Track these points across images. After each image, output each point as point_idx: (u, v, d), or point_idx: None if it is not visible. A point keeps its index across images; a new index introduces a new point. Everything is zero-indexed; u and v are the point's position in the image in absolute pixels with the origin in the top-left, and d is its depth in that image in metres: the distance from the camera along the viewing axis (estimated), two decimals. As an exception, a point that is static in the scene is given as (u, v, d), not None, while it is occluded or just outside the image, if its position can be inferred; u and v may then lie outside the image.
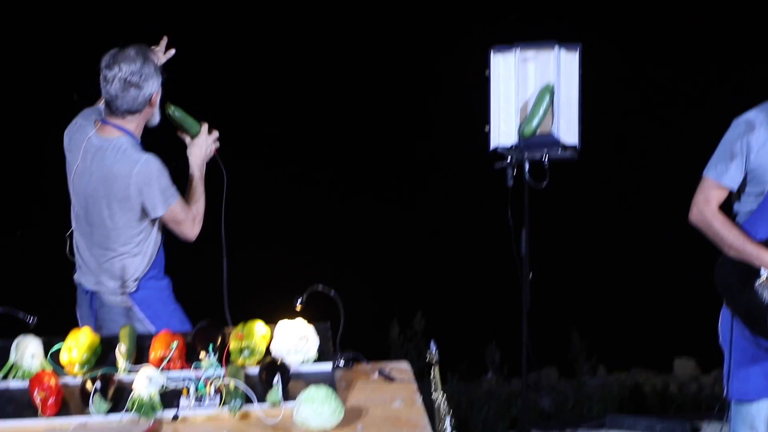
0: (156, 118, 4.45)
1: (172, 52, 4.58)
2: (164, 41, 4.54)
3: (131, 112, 4.29)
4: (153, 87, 4.33)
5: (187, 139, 4.46)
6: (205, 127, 4.47)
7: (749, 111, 4.26)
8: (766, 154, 4.17)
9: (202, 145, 4.46)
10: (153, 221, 4.35)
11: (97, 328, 4.42)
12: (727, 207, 4.31)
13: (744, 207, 4.30)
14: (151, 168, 4.28)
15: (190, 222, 4.40)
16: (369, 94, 13.85)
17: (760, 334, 4.22)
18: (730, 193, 4.30)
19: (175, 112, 4.43)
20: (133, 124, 4.35)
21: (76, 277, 4.56)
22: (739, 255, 4.19)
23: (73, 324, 3.86)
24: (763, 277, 4.19)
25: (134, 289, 4.43)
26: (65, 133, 4.48)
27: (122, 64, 4.24)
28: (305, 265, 4.33)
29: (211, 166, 4.51)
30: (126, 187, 4.22)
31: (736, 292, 4.25)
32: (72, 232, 4.56)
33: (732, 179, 4.23)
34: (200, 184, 4.47)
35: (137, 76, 4.27)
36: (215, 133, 4.49)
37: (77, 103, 4.53)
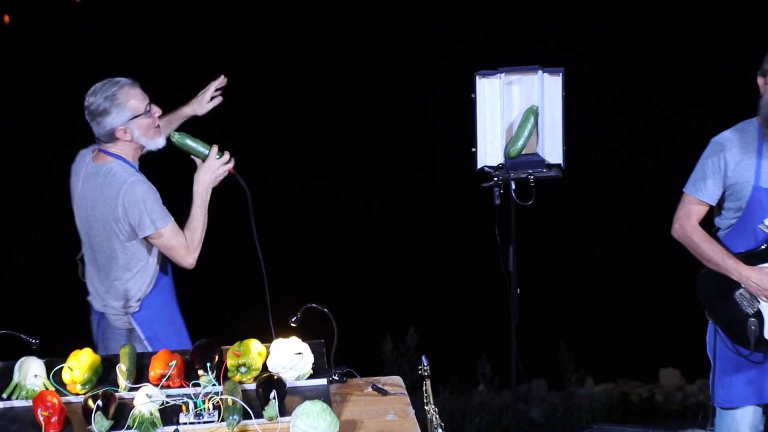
0: (154, 144, 4.35)
1: (218, 101, 4.57)
2: (214, 85, 4.56)
3: (106, 140, 4.25)
4: (114, 121, 4.23)
5: (198, 162, 4.31)
6: (214, 149, 4.27)
7: (726, 131, 4.29)
8: (741, 171, 4.20)
9: (207, 170, 4.27)
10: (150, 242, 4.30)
11: (102, 348, 4.40)
12: (709, 222, 4.34)
13: (724, 222, 4.32)
14: (136, 189, 4.23)
15: (182, 249, 4.28)
16: (362, 116, 13.92)
17: (740, 343, 4.23)
18: (711, 209, 4.32)
19: (178, 139, 4.28)
20: (123, 149, 4.30)
21: (89, 299, 4.53)
22: (717, 268, 4.21)
23: (75, 345, 3.83)
24: (742, 289, 4.19)
25: (137, 309, 4.40)
26: (72, 165, 4.46)
27: (89, 96, 4.22)
28: (300, 284, 4.32)
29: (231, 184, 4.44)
30: (114, 209, 4.18)
31: (717, 303, 4.27)
32: (82, 255, 4.52)
33: (710, 195, 4.26)
34: (199, 211, 4.32)
35: (97, 110, 4.22)
36: (226, 156, 4.27)
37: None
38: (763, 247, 4.19)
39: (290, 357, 3.81)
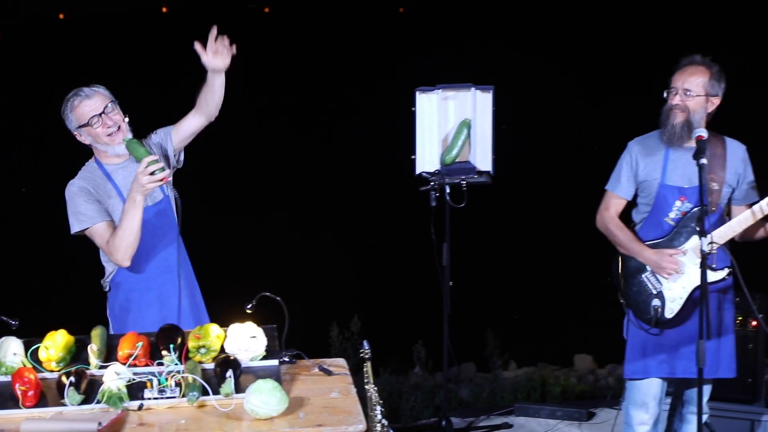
0: (111, 149, 4.20)
1: (221, 50, 4.02)
2: (212, 34, 4.02)
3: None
4: (69, 126, 4.20)
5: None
6: (144, 160, 3.96)
7: (639, 137, 4.43)
8: (650, 171, 4.34)
9: (137, 177, 3.99)
10: None
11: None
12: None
13: (638, 216, 4.45)
14: (69, 189, 4.21)
15: (107, 249, 4.15)
16: (314, 127, 13.92)
17: (645, 321, 4.33)
18: (630, 205, 4.44)
19: (127, 145, 4.10)
20: (95, 151, 4.27)
21: None
22: (626, 251, 4.34)
23: (51, 326, 3.85)
24: (648, 271, 4.32)
25: (107, 289, 4.38)
26: None
27: None
28: (256, 275, 4.34)
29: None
30: None
31: (627, 285, 4.37)
32: None
33: (625, 191, 4.40)
34: (127, 214, 4.06)
35: (62, 115, 4.22)
36: (157, 167, 3.94)
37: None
38: (667, 236, 4.29)
39: (245, 340, 3.81)
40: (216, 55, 4.01)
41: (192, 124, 4.27)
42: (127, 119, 4.25)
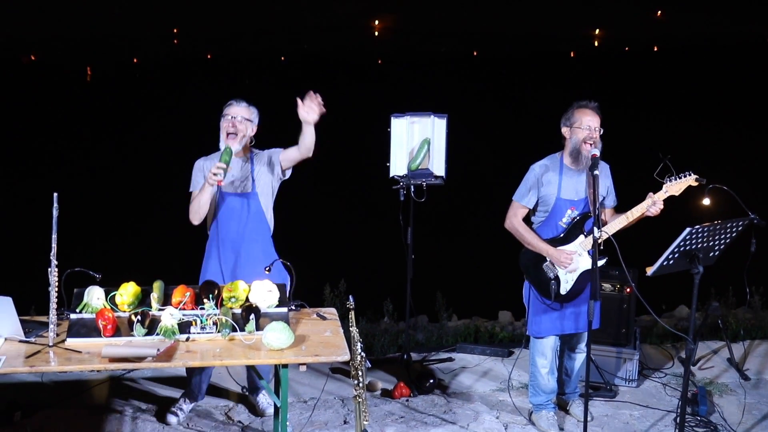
0: (222, 144, 4.12)
1: (310, 109, 3.90)
2: (306, 100, 3.90)
3: None
4: (223, 115, 4.15)
5: None
6: (217, 164, 3.95)
7: (541, 160, 4.36)
8: (549, 187, 4.29)
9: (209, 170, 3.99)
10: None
11: None
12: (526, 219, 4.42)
13: (537, 219, 4.40)
14: (195, 163, 4.19)
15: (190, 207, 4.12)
16: (319, 143, 13.92)
17: (545, 296, 4.33)
18: (529, 211, 4.39)
19: (224, 149, 4.05)
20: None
21: None
22: (533, 248, 4.31)
23: (124, 279, 3.83)
24: (548, 262, 4.30)
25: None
26: None
27: None
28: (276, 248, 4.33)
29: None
30: None
31: (532, 270, 4.36)
32: None
33: (529, 202, 4.33)
34: (200, 191, 4.05)
35: None
36: (216, 170, 3.92)
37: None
38: (561, 236, 4.29)
39: (264, 293, 3.83)
40: (308, 111, 3.89)
41: (293, 154, 4.16)
42: (252, 140, 4.18)
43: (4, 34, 44.01)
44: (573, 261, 4.24)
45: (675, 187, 4.11)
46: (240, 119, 4.13)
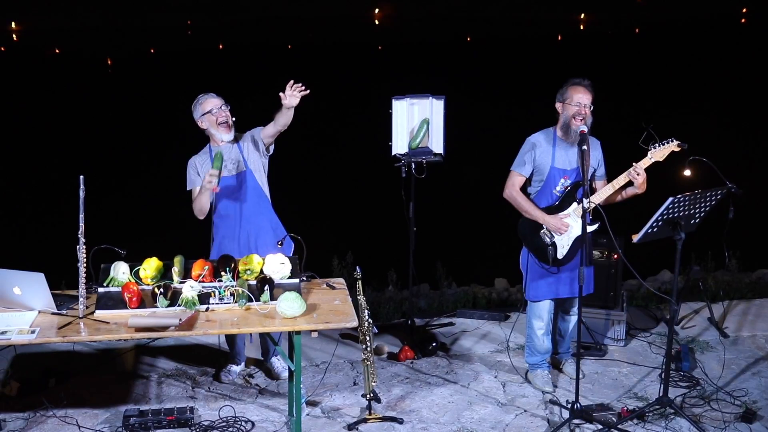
0: (220, 135, 4.13)
1: (290, 96, 3.90)
2: (288, 87, 3.90)
3: None
4: (194, 115, 4.16)
5: None
6: (210, 170, 3.94)
7: (536, 133, 4.33)
8: (544, 157, 4.27)
9: (205, 176, 3.98)
10: None
11: None
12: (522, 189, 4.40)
13: (533, 189, 4.38)
14: (189, 161, 4.17)
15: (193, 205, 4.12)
16: (327, 124, 13.88)
17: (543, 261, 4.33)
18: (526, 180, 4.37)
19: (216, 153, 4.05)
20: (210, 136, 4.20)
21: None
22: (530, 216, 4.29)
23: (147, 254, 3.84)
24: (544, 229, 4.29)
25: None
26: None
27: None
28: (286, 224, 4.31)
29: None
30: None
31: (529, 237, 4.34)
32: None
33: (526, 171, 4.31)
34: (199, 194, 4.05)
35: (192, 109, 4.19)
36: (211, 177, 3.91)
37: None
38: (556, 204, 4.28)
39: (277, 265, 3.83)
40: (290, 99, 3.91)
41: (270, 131, 4.14)
42: (234, 120, 4.18)
43: (27, 28, 43.82)
44: (568, 227, 4.23)
45: (659, 153, 4.09)
46: (222, 108, 4.14)
